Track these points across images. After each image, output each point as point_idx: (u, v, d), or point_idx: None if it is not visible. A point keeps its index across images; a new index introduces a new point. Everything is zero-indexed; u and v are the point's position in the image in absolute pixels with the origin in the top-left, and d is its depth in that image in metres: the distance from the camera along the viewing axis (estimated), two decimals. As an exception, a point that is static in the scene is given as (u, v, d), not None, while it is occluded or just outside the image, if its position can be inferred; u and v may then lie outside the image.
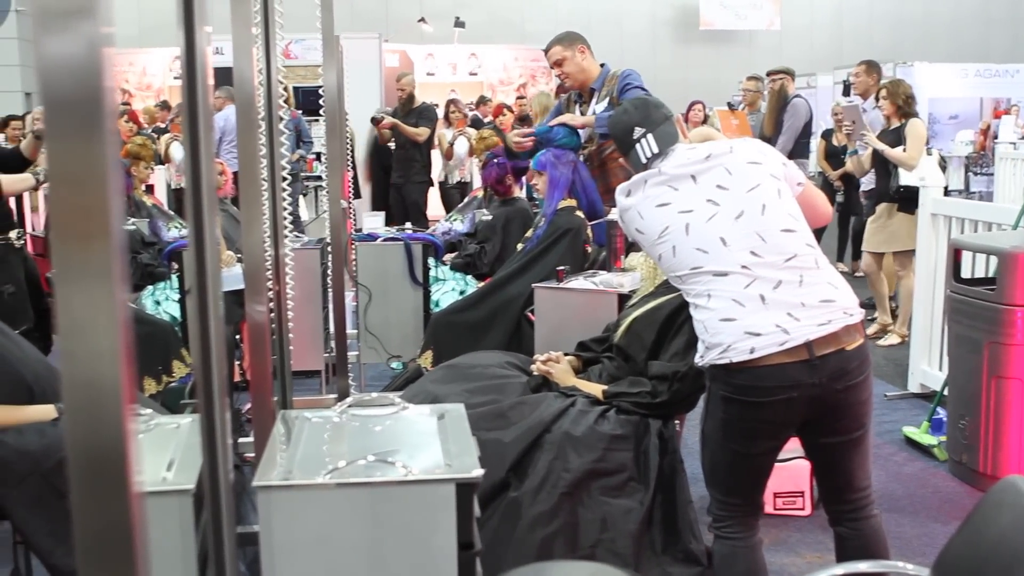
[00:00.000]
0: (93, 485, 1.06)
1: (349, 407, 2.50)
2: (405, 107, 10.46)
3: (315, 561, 2.04)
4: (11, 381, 3.22)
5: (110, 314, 1.03)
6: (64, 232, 1.02)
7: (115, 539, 1.07)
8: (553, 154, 5.24)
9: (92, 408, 1.04)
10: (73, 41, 1.00)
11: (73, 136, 1.01)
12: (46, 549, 3.08)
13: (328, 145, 4.53)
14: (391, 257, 5.98)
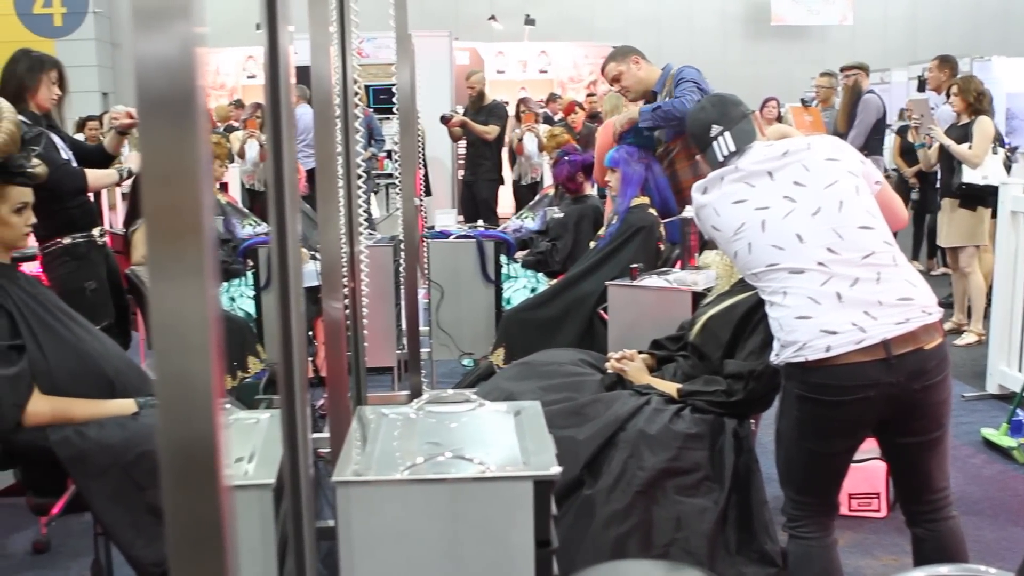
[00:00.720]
0: (184, 478, 1.08)
1: (426, 403, 2.51)
2: (475, 105, 10.49)
3: (393, 557, 2.06)
4: (94, 376, 3.28)
5: (202, 310, 1.04)
6: (158, 229, 1.04)
7: (205, 531, 1.09)
8: (626, 151, 5.22)
9: (184, 403, 1.06)
10: (168, 41, 1.02)
11: (167, 134, 1.03)
12: (126, 540, 3.12)
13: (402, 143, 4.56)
14: (463, 254, 6.00)
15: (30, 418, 3.12)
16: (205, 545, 1.09)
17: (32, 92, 4.64)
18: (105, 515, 3.14)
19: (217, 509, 1.08)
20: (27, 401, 3.12)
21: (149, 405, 3.27)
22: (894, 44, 19.51)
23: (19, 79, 4.63)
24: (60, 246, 4.62)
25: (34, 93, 4.64)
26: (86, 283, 4.67)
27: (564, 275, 5.69)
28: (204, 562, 1.09)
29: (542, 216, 7.22)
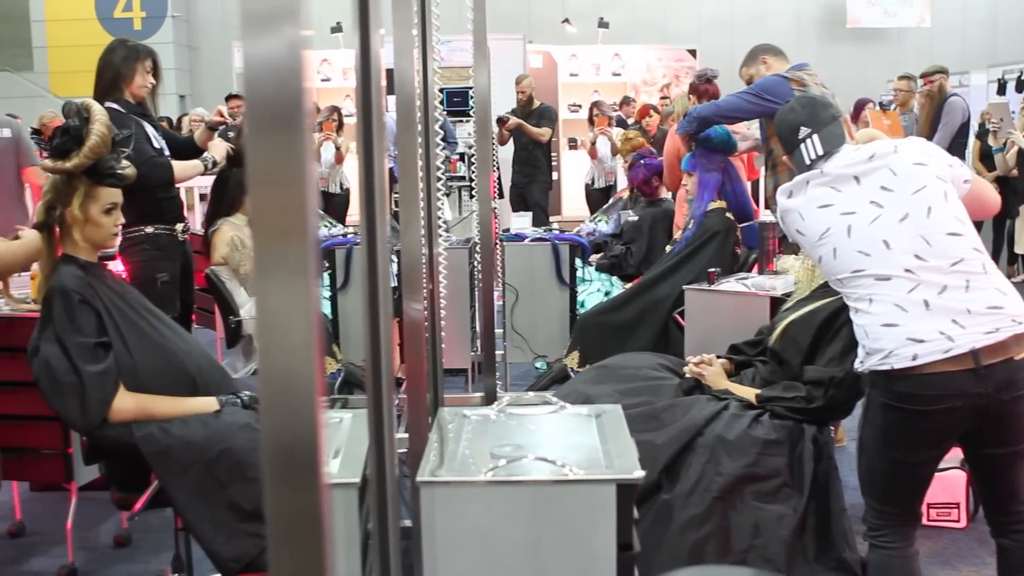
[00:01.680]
0: (286, 475, 1.09)
1: (507, 406, 2.52)
2: (525, 108, 10.51)
3: (474, 557, 2.06)
4: (177, 374, 3.33)
5: (305, 309, 1.06)
6: (263, 229, 1.05)
7: (305, 527, 1.10)
8: (703, 155, 5.19)
9: (287, 400, 1.07)
10: (276, 43, 1.03)
11: (274, 135, 1.04)
12: (207, 536, 3.17)
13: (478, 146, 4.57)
14: (538, 257, 6.01)
15: (115, 414, 3.18)
16: (305, 541, 1.10)
17: (128, 80, 4.74)
18: (186, 511, 3.19)
19: (317, 505, 1.09)
20: (113, 397, 3.18)
21: (231, 403, 3.31)
22: (973, 46, 19.16)
23: (115, 68, 4.73)
24: (142, 233, 4.70)
25: (129, 81, 4.74)
26: (159, 274, 4.74)
27: (639, 279, 5.68)
28: (303, 557, 1.11)
29: (616, 219, 7.20)
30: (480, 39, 4.04)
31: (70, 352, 3.17)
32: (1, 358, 4.00)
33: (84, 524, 4.31)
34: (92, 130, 3.24)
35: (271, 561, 1.12)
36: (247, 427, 3.21)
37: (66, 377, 3.17)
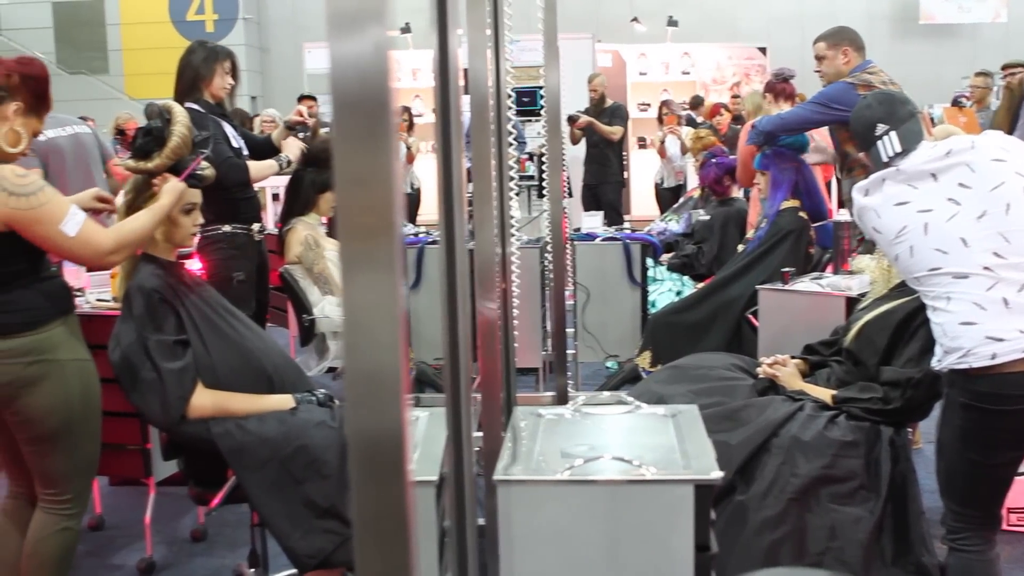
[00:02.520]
0: (372, 472, 1.10)
1: (582, 405, 2.52)
2: (597, 107, 10.47)
3: (551, 556, 2.07)
4: (254, 371, 3.38)
5: (392, 308, 1.06)
6: (350, 228, 1.06)
7: (391, 524, 1.11)
8: (776, 153, 5.14)
9: (373, 398, 1.08)
10: (361, 44, 1.04)
11: (360, 135, 1.05)
12: (283, 532, 3.21)
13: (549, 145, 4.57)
14: (609, 257, 6.00)
15: (194, 411, 3.23)
16: (390, 538, 1.11)
17: (207, 81, 4.81)
18: (263, 507, 3.22)
19: (403, 502, 1.10)
20: (191, 394, 3.22)
21: (306, 401, 3.35)
22: (1051, 42, 18.78)
23: (195, 69, 4.81)
24: (220, 232, 4.78)
25: (209, 82, 4.82)
26: (235, 273, 4.81)
27: (711, 279, 5.64)
28: (389, 554, 1.12)
29: (687, 219, 7.16)
30: (551, 39, 4.04)
31: (150, 349, 3.22)
32: (82, 355, 4.07)
33: (162, 518, 4.38)
34: (173, 131, 3.30)
35: (357, 558, 1.12)
36: (322, 425, 3.24)
37: (146, 374, 3.22)
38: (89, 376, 3.31)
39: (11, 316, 3.13)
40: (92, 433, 3.35)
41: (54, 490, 3.30)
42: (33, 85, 3.22)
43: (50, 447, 3.25)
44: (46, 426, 3.21)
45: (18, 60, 3.26)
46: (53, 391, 3.18)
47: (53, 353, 3.18)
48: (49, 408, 3.19)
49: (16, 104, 3.17)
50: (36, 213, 3.03)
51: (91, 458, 3.37)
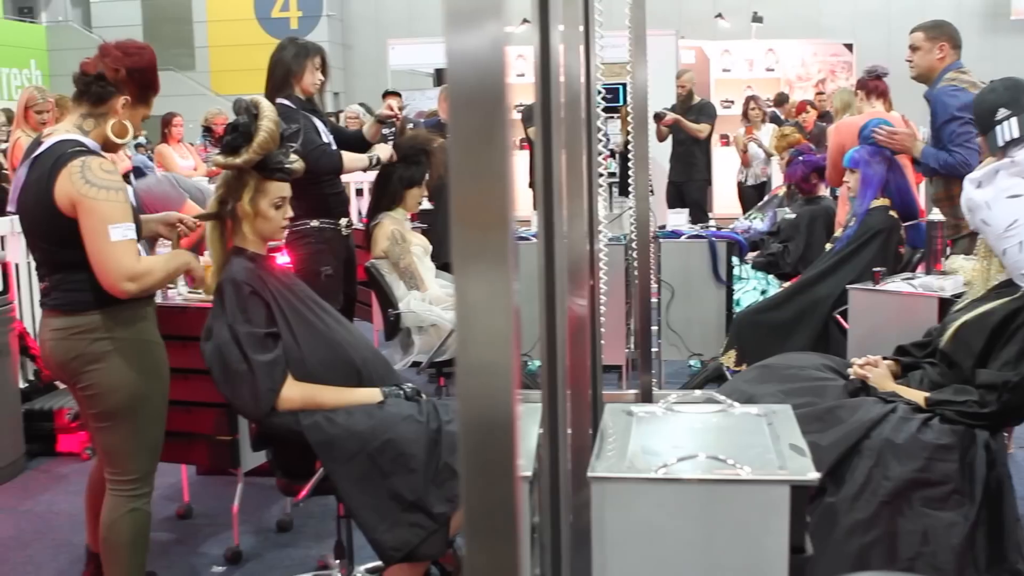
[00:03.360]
0: (482, 467, 1.10)
1: (674, 403, 2.50)
2: (684, 104, 10.37)
3: (644, 555, 2.06)
4: (343, 365, 3.40)
5: (505, 301, 1.06)
6: (464, 221, 1.06)
7: (500, 519, 1.11)
8: (867, 151, 5.07)
9: (485, 392, 1.08)
10: (478, 39, 1.04)
11: (476, 130, 1.05)
12: (370, 524, 3.23)
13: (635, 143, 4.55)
14: (694, 255, 5.95)
15: (283, 403, 3.27)
16: (499, 533, 1.11)
17: (298, 77, 4.88)
18: (350, 499, 3.26)
19: (512, 498, 1.10)
20: (281, 386, 3.26)
21: (394, 395, 3.37)
22: None
23: (286, 65, 4.87)
24: (308, 227, 4.82)
25: (299, 78, 4.88)
26: (323, 268, 4.86)
27: (797, 278, 5.57)
28: (498, 549, 1.12)
29: (771, 217, 7.09)
30: (639, 35, 4.01)
31: (241, 342, 3.26)
32: (174, 346, 4.12)
33: (247, 508, 4.44)
34: (261, 126, 3.33)
35: (466, 552, 1.13)
36: (410, 419, 3.26)
37: (237, 366, 3.27)
38: (155, 358, 3.43)
39: (82, 294, 3.26)
40: (156, 414, 3.45)
41: (117, 469, 3.39)
42: (139, 77, 3.34)
43: (113, 424, 3.36)
44: (109, 403, 3.32)
45: (124, 51, 3.34)
46: (116, 369, 3.30)
47: (118, 332, 3.30)
48: (111, 385, 3.31)
49: (124, 98, 3.32)
50: (95, 204, 3.14)
51: (154, 440, 3.46)
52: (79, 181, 3.13)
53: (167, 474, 4.98)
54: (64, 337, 3.30)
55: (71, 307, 3.28)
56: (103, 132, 3.31)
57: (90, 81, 3.29)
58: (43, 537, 4.53)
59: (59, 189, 3.14)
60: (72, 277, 3.26)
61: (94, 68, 3.30)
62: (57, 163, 3.16)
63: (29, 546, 4.44)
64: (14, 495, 5.02)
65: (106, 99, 3.30)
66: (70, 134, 3.27)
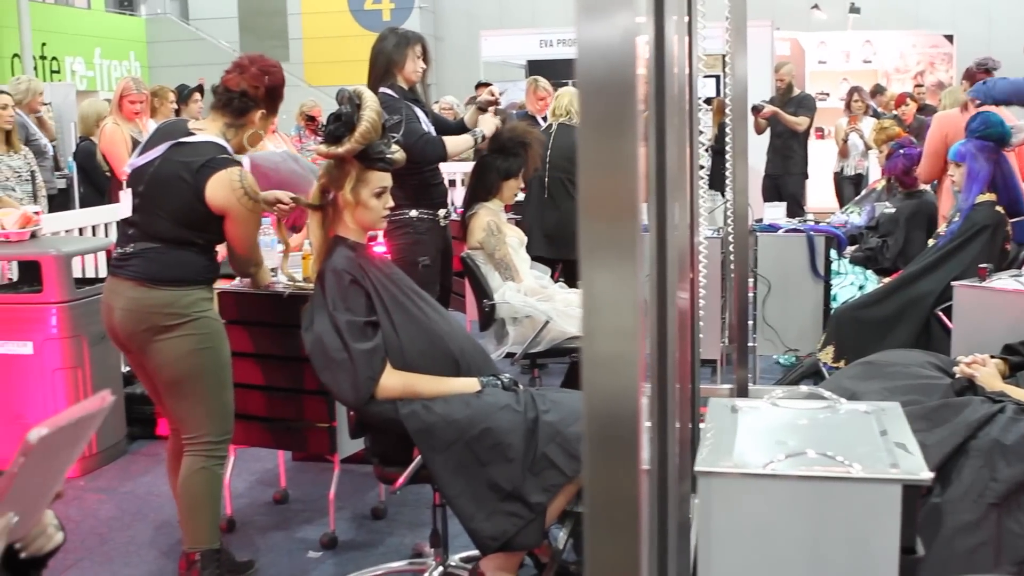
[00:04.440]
0: (607, 457, 1.10)
1: (779, 399, 2.47)
2: (784, 96, 10.20)
3: (750, 550, 2.04)
4: (441, 354, 3.42)
5: (632, 293, 1.06)
6: (592, 213, 1.06)
7: (623, 511, 1.11)
8: (975, 145, 4.95)
9: (610, 384, 1.08)
10: (610, 29, 1.04)
11: (605, 121, 1.04)
12: (467, 513, 3.25)
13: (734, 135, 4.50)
14: (792, 249, 5.87)
15: (382, 391, 3.29)
16: (622, 525, 1.11)
17: (399, 67, 4.92)
18: (448, 487, 3.27)
19: (635, 490, 1.10)
20: (380, 375, 3.29)
21: (491, 384, 3.38)
22: None
23: (388, 55, 4.92)
24: (405, 217, 4.86)
25: (401, 67, 4.92)
26: (420, 258, 4.88)
27: (897, 273, 5.47)
28: (619, 540, 1.11)
29: (869, 211, 6.96)
30: (739, 26, 3.97)
31: (341, 330, 3.30)
32: (274, 333, 4.21)
33: (343, 495, 4.48)
34: (363, 116, 3.36)
35: (587, 543, 1.13)
36: (507, 408, 3.26)
37: (337, 354, 3.30)
38: (217, 333, 3.73)
39: (163, 269, 3.58)
40: (219, 383, 3.73)
41: (192, 433, 3.70)
42: (274, 93, 3.69)
43: (180, 391, 3.67)
44: (174, 371, 3.63)
45: (262, 69, 3.65)
46: (183, 341, 3.60)
47: (188, 309, 3.60)
48: (179, 355, 3.61)
49: (260, 111, 3.65)
50: (252, 216, 3.63)
51: (223, 406, 3.74)
52: (238, 190, 3.52)
53: (264, 459, 5.08)
54: (136, 308, 3.59)
55: (149, 279, 3.58)
56: (240, 141, 3.66)
57: (234, 96, 3.61)
58: (144, 518, 4.63)
59: (213, 187, 3.50)
60: (164, 250, 3.58)
61: (236, 84, 3.61)
62: (211, 163, 3.51)
63: (130, 527, 4.54)
64: (116, 477, 5.13)
65: (247, 112, 3.64)
66: (218, 139, 3.60)
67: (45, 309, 5.03)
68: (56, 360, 5.04)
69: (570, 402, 3.34)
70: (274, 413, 4.28)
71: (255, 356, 4.25)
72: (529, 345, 4.78)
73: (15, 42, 17.68)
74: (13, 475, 1.57)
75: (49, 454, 1.60)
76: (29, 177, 6.50)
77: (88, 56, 20.12)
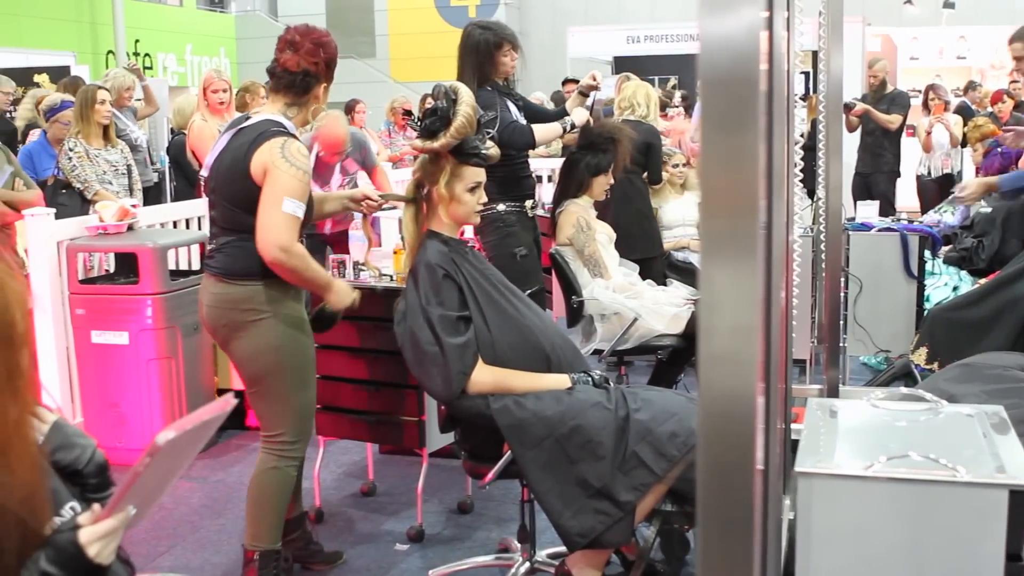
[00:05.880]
0: (721, 456, 1.09)
1: (879, 400, 2.43)
2: (876, 93, 10.01)
3: (850, 552, 2.01)
4: (532, 350, 3.42)
5: (752, 291, 1.05)
6: (713, 210, 1.05)
7: (737, 511, 1.10)
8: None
9: (727, 383, 1.07)
10: (734, 24, 1.03)
11: (728, 116, 1.04)
12: (556, 510, 3.25)
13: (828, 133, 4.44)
14: (884, 248, 5.77)
15: (474, 386, 3.31)
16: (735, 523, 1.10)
17: (494, 61, 4.92)
18: (537, 483, 3.27)
19: (749, 489, 1.09)
20: (472, 370, 3.30)
21: (582, 381, 3.37)
22: None
23: (483, 49, 4.92)
24: (494, 212, 4.86)
25: (496, 62, 4.93)
26: (516, 249, 4.88)
27: (993, 274, 5.35)
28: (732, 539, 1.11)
29: (963, 210, 6.82)
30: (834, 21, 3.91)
31: (434, 324, 3.32)
32: (364, 327, 4.24)
33: (429, 488, 4.51)
34: (459, 111, 3.38)
35: (700, 542, 1.12)
36: (598, 406, 3.25)
37: (429, 348, 3.32)
38: (299, 330, 3.61)
39: (241, 262, 3.49)
40: (303, 382, 3.64)
41: (268, 431, 3.64)
42: (331, 63, 3.59)
43: (257, 389, 3.62)
44: (255, 368, 3.58)
45: (315, 42, 3.53)
46: (262, 338, 3.52)
47: (267, 305, 3.51)
48: (256, 352, 3.55)
49: (323, 84, 3.57)
50: (280, 174, 3.37)
51: (300, 407, 3.66)
52: (276, 153, 3.37)
53: (351, 452, 5.14)
54: (217, 304, 3.56)
55: (229, 275, 3.52)
56: (304, 117, 3.60)
57: (296, 77, 3.51)
58: (234, 507, 4.70)
59: (255, 157, 3.39)
60: (238, 243, 3.49)
61: (296, 64, 3.50)
62: (260, 136, 3.41)
63: (221, 515, 4.62)
64: (207, 466, 5.22)
65: (311, 88, 3.55)
66: (275, 116, 3.51)
67: (141, 300, 5.13)
68: (151, 350, 5.14)
69: (661, 401, 3.32)
70: (364, 406, 4.32)
71: (345, 349, 4.29)
72: (617, 342, 4.77)
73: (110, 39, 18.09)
74: (138, 473, 1.63)
75: (172, 454, 1.67)
76: (126, 171, 6.62)
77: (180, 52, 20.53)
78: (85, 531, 1.68)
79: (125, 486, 1.67)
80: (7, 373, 1.65)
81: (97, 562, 1.69)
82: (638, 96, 6.38)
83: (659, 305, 4.90)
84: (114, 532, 1.71)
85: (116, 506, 1.69)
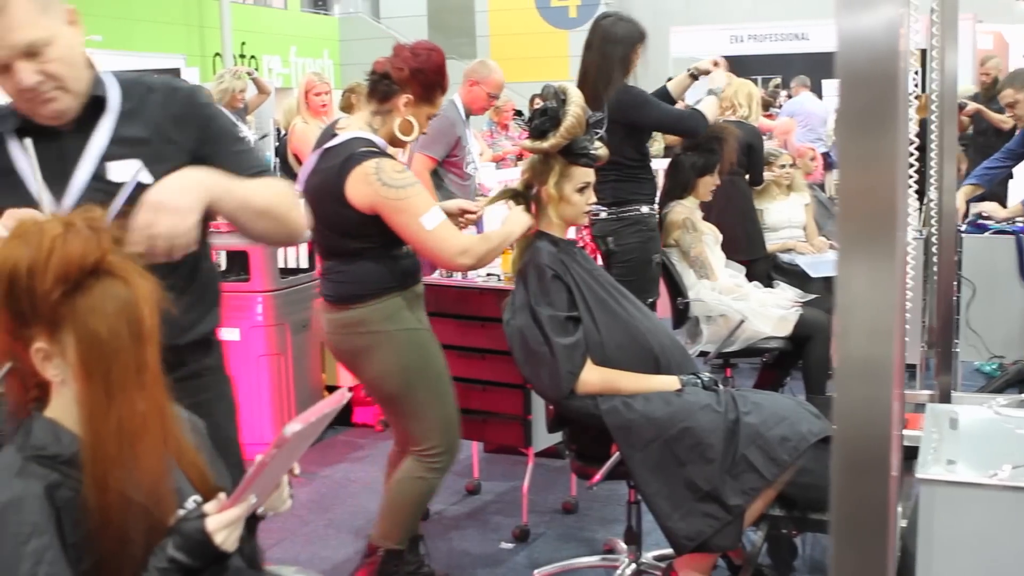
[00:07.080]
0: (857, 462, 1.08)
1: (1002, 406, 2.37)
2: (988, 92, 9.74)
3: (973, 561, 1.96)
4: (641, 351, 3.41)
5: (890, 295, 1.03)
6: (850, 210, 1.04)
7: (873, 516, 1.08)
8: None
9: (864, 386, 1.06)
10: (873, 20, 1.01)
11: (867, 116, 1.02)
12: (663, 512, 3.23)
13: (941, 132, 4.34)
14: (999, 251, 5.63)
15: (582, 386, 3.30)
16: (870, 530, 1.09)
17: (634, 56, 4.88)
18: (645, 485, 3.26)
19: (885, 496, 1.07)
20: (581, 370, 3.30)
21: (691, 383, 3.35)
22: None
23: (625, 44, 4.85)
24: (637, 213, 4.76)
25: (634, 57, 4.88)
26: (654, 255, 4.80)
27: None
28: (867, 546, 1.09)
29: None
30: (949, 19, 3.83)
31: (542, 324, 3.32)
32: (471, 326, 4.27)
33: (534, 488, 4.51)
34: (568, 111, 3.37)
35: (834, 548, 1.11)
36: (708, 408, 3.23)
37: (538, 348, 3.33)
38: (423, 344, 3.54)
39: (346, 287, 3.45)
40: (438, 394, 3.57)
41: (413, 446, 3.58)
42: (422, 77, 3.41)
43: (392, 407, 3.63)
44: (385, 390, 3.55)
45: (413, 52, 3.43)
46: (386, 358, 3.46)
47: (382, 324, 3.44)
48: (383, 373, 3.50)
49: (407, 96, 3.41)
50: (401, 204, 3.27)
51: (445, 419, 3.59)
52: (378, 184, 3.25)
53: (457, 450, 5.17)
54: (334, 330, 3.54)
55: (337, 300, 3.48)
56: (390, 130, 3.43)
57: (377, 79, 3.43)
58: (341, 503, 4.77)
59: (353, 187, 3.28)
60: (340, 267, 3.45)
61: (381, 67, 3.43)
62: (350, 160, 3.29)
63: (329, 511, 4.68)
64: (314, 462, 5.30)
65: (390, 97, 3.41)
66: (362, 132, 3.40)
67: (252, 297, 5.23)
68: (261, 346, 5.24)
69: (771, 404, 3.28)
70: (470, 405, 4.34)
71: (452, 348, 4.31)
72: (723, 344, 4.73)
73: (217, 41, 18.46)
74: (264, 464, 1.68)
75: (294, 444, 1.71)
76: (239, 171, 6.74)
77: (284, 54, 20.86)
78: (212, 519, 1.73)
79: (252, 476, 1.71)
80: (136, 368, 1.70)
81: (223, 549, 1.73)
82: (740, 96, 6.28)
83: (766, 307, 4.85)
84: (238, 520, 1.75)
85: (241, 495, 1.73)
